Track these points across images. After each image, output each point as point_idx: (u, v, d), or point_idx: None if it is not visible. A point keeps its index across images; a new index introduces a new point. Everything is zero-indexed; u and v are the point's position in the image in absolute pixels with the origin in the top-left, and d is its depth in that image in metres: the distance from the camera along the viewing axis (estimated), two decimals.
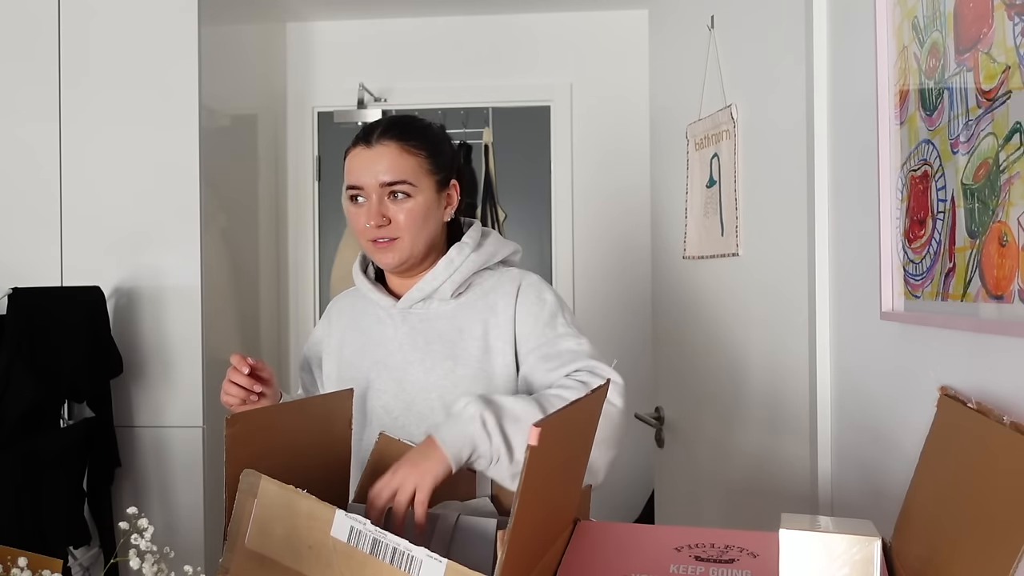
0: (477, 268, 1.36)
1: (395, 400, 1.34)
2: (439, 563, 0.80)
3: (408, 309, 1.37)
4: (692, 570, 0.87)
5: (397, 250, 1.32)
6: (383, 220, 1.31)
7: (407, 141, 1.33)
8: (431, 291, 1.35)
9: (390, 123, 1.36)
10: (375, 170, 1.31)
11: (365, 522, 0.84)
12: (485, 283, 1.37)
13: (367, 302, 1.43)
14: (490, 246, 1.39)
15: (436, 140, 1.38)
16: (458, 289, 1.35)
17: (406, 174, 1.32)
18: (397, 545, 0.82)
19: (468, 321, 1.34)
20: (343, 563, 0.85)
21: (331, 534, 0.85)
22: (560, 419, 0.85)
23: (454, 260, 1.35)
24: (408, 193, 1.32)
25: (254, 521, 0.91)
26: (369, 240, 1.33)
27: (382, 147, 1.32)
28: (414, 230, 1.32)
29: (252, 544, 0.91)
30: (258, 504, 0.91)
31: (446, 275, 1.34)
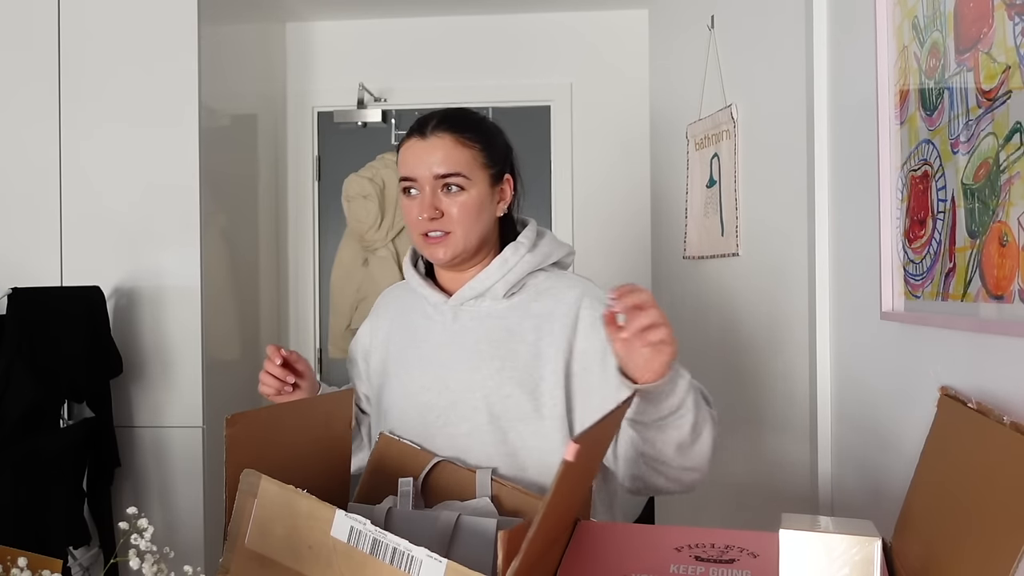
0: (531, 269, 1.34)
1: (438, 398, 1.31)
2: (439, 563, 0.80)
3: (459, 306, 1.34)
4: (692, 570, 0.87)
5: (449, 245, 1.30)
6: (436, 212, 1.28)
7: (462, 133, 1.31)
8: (483, 290, 1.32)
9: (445, 115, 1.33)
10: (429, 162, 1.29)
11: (365, 522, 0.84)
12: (539, 285, 1.34)
13: (416, 296, 1.40)
14: (545, 247, 1.36)
15: (491, 133, 1.36)
16: (511, 289, 1.32)
17: (460, 166, 1.29)
18: (397, 545, 0.82)
19: (519, 323, 1.31)
20: (343, 563, 0.85)
21: (331, 534, 0.85)
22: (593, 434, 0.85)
23: (508, 260, 1.32)
24: (462, 186, 1.29)
25: (254, 521, 0.91)
26: (421, 234, 1.31)
27: (436, 139, 1.30)
28: (467, 224, 1.29)
29: (252, 544, 0.91)
30: (258, 504, 0.91)
31: (499, 275, 1.32)
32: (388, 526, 1.07)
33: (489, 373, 1.28)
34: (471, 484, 1.20)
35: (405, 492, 1.17)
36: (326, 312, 3.26)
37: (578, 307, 1.30)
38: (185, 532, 2.34)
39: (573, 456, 0.74)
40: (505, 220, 1.39)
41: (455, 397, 1.30)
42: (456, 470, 1.22)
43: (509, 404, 1.26)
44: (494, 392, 1.27)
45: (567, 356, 1.28)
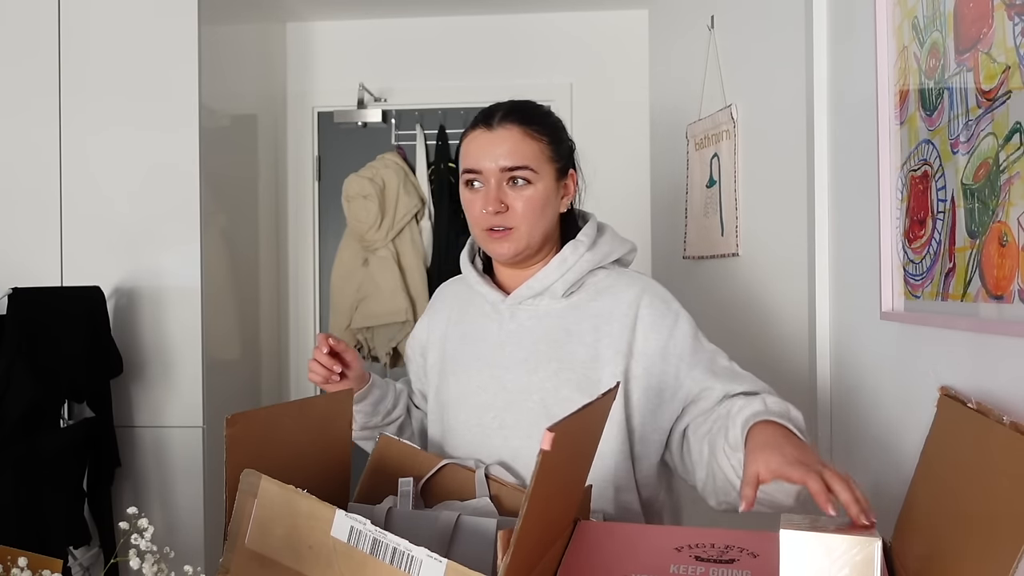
0: (591, 268, 1.30)
1: (495, 399, 1.29)
2: (439, 563, 0.80)
3: (516, 305, 1.31)
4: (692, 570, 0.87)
5: (512, 241, 1.26)
6: (501, 206, 1.24)
7: (530, 125, 1.27)
8: (542, 289, 1.29)
9: (513, 106, 1.29)
10: (495, 154, 1.25)
11: (365, 522, 0.84)
12: (599, 283, 1.31)
13: (474, 293, 1.37)
14: (605, 245, 1.33)
15: (557, 127, 1.33)
16: (570, 288, 1.29)
17: (527, 159, 1.25)
18: (397, 545, 0.82)
19: (578, 323, 1.27)
20: (343, 563, 0.85)
21: (331, 534, 0.85)
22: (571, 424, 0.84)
23: (568, 259, 1.29)
24: (528, 179, 1.25)
25: (254, 521, 0.91)
26: (484, 229, 1.27)
27: (504, 130, 1.25)
28: (532, 219, 1.26)
29: (252, 544, 0.91)
30: (258, 504, 0.91)
31: (558, 274, 1.28)
32: (388, 526, 1.07)
33: (546, 375, 1.25)
34: (471, 484, 1.20)
35: (405, 492, 1.17)
36: (326, 312, 3.26)
37: (637, 306, 1.26)
38: (185, 532, 2.35)
39: (549, 445, 0.73)
40: (566, 215, 1.35)
41: (511, 398, 1.27)
42: (456, 470, 1.22)
43: (567, 408, 1.18)
44: (551, 395, 1.25)
45: (627, 358, 1.24)
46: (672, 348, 1.25)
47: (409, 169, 3.11)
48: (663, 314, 1.27)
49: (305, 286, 3.29)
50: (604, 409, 1.03)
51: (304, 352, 3.27)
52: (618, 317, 1.26)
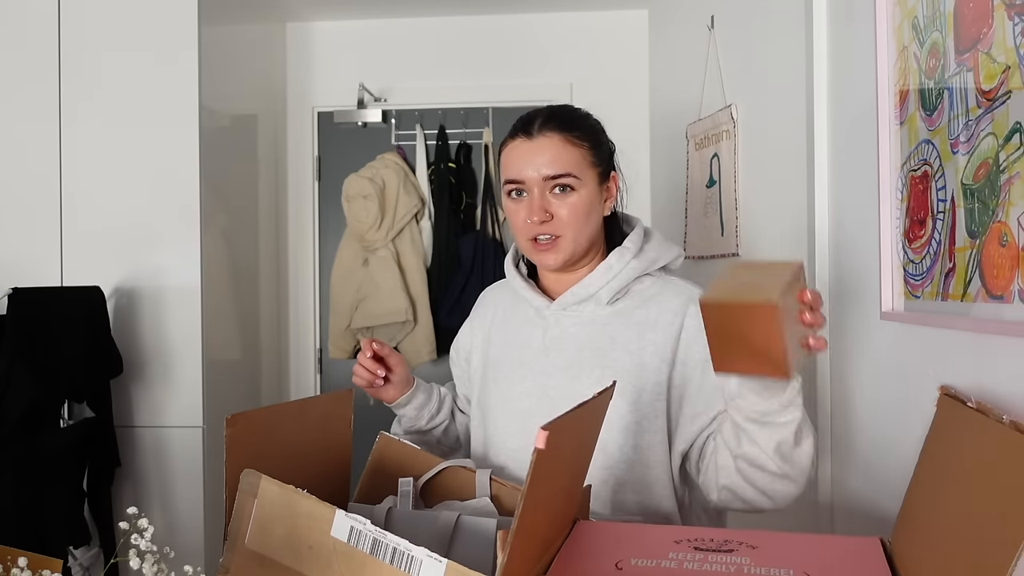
0: (637, 275, 1.29)
1: (538, 405, 1.27)
2: (439, 563, 0.80)
3: (561, 311, 1.30)
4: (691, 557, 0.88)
5: (560, 250, 1.26)
6: (546, 215, 1.24)
7: (570, 132, 1.26)
8: (587, 296, 1.28)
9: (551, 113, 1.29)
10: (537, 163, 1.24)
11: (365, 522, 0.84)
12: (645, 291, 1.29)
13: (518, 298, 1.37)
14: (652, 251, 1.31)
15: (596, 131, 1.32)
16: (615, 296, 1.28)
17: (570, 166, 1.24)
18: (397, 545, 0.82)
19: (622, 331, 1.26)
20: (343, 563, 0.85)
21: (331, 534, 0.85)
22: (567, 422, 0.84)
23: (613, 266, 1.27)
24: (572, 186, 1.24)
25: (254, 521, 0.91)
26: (529, 239, 1.26)
27: (544, 139, 1.25)
28: (577, 226, 1.25)
29: (252, 544, 0.91)
30: (258, 504, 0.91)
31: (604, 281, 1.27)
32: (388, 526, 1.07)
33: (590, 383, 1.23)
34: (471, 484, 1.20)
35: (405, 492, 1.17)
36: (326, 312, 3.26)
37: (683, 316, 1.25)
38: (185, 532, 2.35)
39: (543, 443, 0.73)
40: (610, 219, 1.34)
41: (555, 406, 1.23)
42: (456, 470, 1.22)
43: (611, 416, 1.15)
44: None
45: (670, 367, 1.23)
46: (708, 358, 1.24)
47: (409, 169, 3.11)
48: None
49: (305, 286, 3.29)
50: (600, 408, 1.03)
51: (304, 352, 3.27)
52: (663, 325, 1.24)
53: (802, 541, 0.97)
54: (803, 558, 0.88)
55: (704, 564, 0.86)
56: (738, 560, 0.87)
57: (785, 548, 0.92)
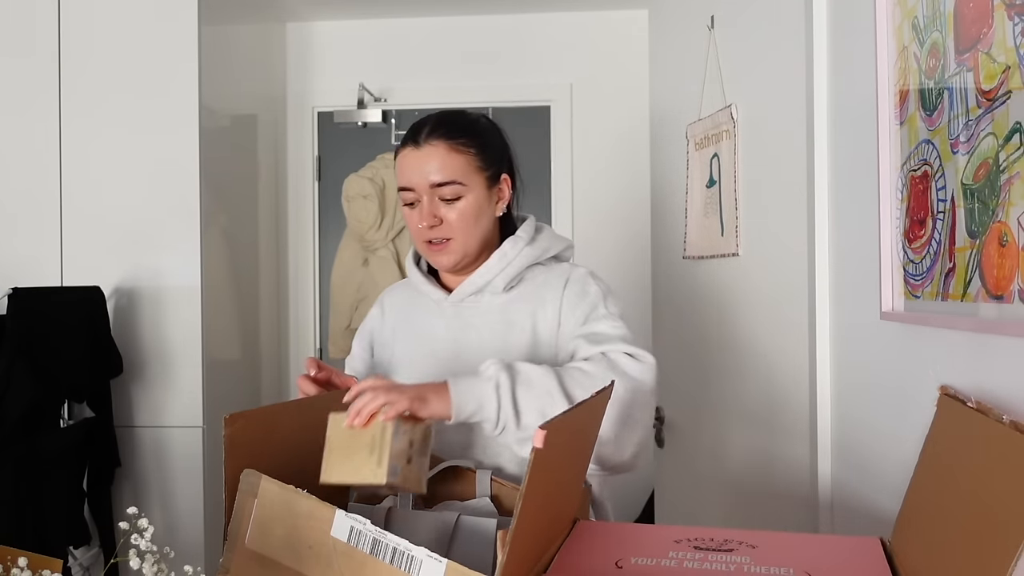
0: (530, 263, 1.36)
1: None
2: (439, 563, 0.80)
3: (460, 302, 1.36)
4: (691, 556, 0.88)
5: (451, 252, 1.33)
6: (435, 220, 1.31)
7: (455, 139, 1.32)
8: (483, 284, 1.34)
9: (438, 121, 1.34)
10: (424, 171, 1.31)
11: (365, 522, 0.84)
12: (537, 278, 1.37)
13: (419, 294, 1.42)
14: (544, 241, 1.39)
15: (485, 134, 1.37)
16: (510, 283, 1.35)
17: (455, 174, 1.31)
18: (397, 545, 0.82)
19: (518, 315, 1.34)
20: (343, 563, 0.85)
21: (331, 534, 0.85)
22: (565, 421, 0.85)
23: (507, 254, 1.35)
24: (459, 194, 1.31)
25: (254, 521, 0.91)
26: (424, 241, 1.34)
27: (430, 147, 1.31)
28: (466, 230, 1.32)
29: (252, 544, 0.91)
30: (258, 504, 0.91)
31: (499, 268, 1.34)
32: (388, 526, 1.07)
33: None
34: (471, 484, 1.20)
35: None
36: (326, 312, 3.26)
37: (563, 290, 1.34)
38: (185, 532, 2.35)
39: (541, 443, 0.73)
40: (505, 218, 1.40)
41: None
42: (456, 470, 1.22)
43: None
44: None
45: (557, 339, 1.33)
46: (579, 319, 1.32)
47: None
48: (581, 295, 1.34)
49: (305, 286, 3.28)
50: (598, 407, 1.04)
51: (304, 352, 3.27)
52: (550, 300, 1.34)
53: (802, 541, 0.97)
54: (803, 557, 0.88)
55: (704, 563, 0.86)
56: (738, 559, 0.87)
57: (785, 547, 0.92)
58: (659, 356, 2.21)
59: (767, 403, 1.68)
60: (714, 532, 0.95)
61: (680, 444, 2.10)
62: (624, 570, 0.85)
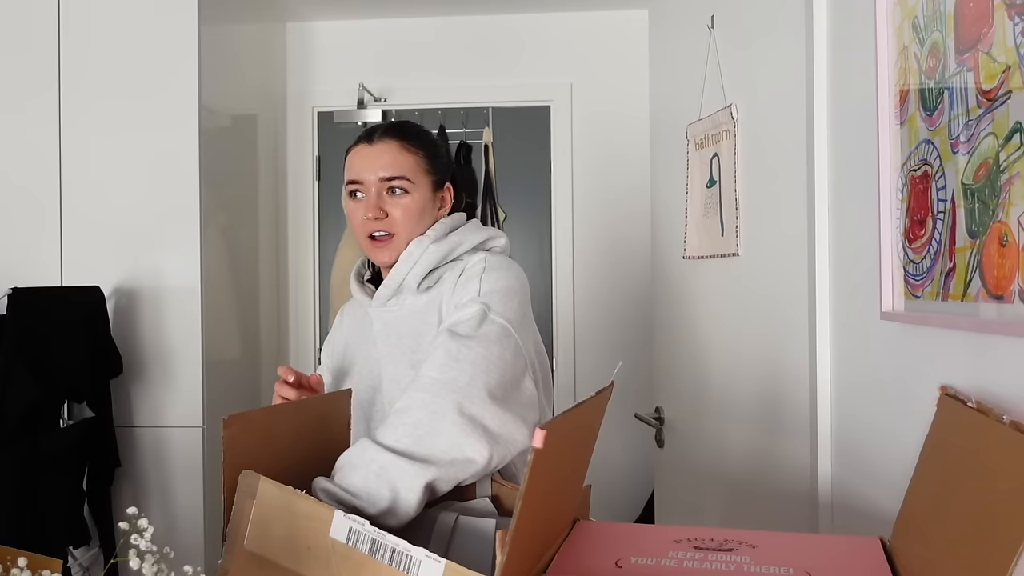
0: (438, 261, 1.35)
1: (366, 393, 1.38)
2: (438, 563, 0.80)
3: (382, 307, 1.40)
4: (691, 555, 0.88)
5: (392, 247, 1.37)
6: (380, 213, 1.36)
7: (407, 140, 1.39)
8: (396, 286, 1.37)
9: (391, 124, 1.43)
10: (375, 166, 1.36)
11: (364, 523, 0.84)
12: (455, 276, 1.34)
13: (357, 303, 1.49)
14: (456, 236, 1.38)
15: (434, 143, 1.45)
16: (423, 282, 1.36)
17: (404, 170, 1.37)
18: (396, 546, 0.82)
19: (432, 314, 1.34)
20: (341, 563, 0.85)
21: (330, 535, 0.85)
22: (565, 421, 0.84)
23: (412, 253, 1.36)
24: (406, 189, 1.37)
25: (253, 522, 0.91)
26: (366, 236, 1.38)
27: (383, 144, 1.38)
28: (410, 226, 1.37)
29: (251, 545, 0.91)
30: (257, 505, 0.91)
31: (406, 269, 1.35)
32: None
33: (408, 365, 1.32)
34: (472, 485, 1.20)
35: None
36: (326, 312, 3.26)
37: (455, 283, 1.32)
38: (185, 532, 2.35)
39: (541, 443, 0.73)
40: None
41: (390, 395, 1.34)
42: None
43: None
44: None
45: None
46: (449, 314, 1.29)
47: None
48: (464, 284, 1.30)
49: (305, 286, 3.28)
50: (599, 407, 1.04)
51: (304, 352, 3.27)
52: (446, 296, 1.33)
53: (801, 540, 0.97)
54: (803, 557, 0.88)
55: (704, 563, 0.86)
56: (738, 559, 0.87)
57: (785, 547, 0.92)
58: (659, 356, 2.22)
59: (767, 403, 1.68)
60: (714, 532, 0.95)
61: (680, 444, 2.10)
62: (624, 570, 0.85)
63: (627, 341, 3.14)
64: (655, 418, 2.18)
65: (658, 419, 2.18)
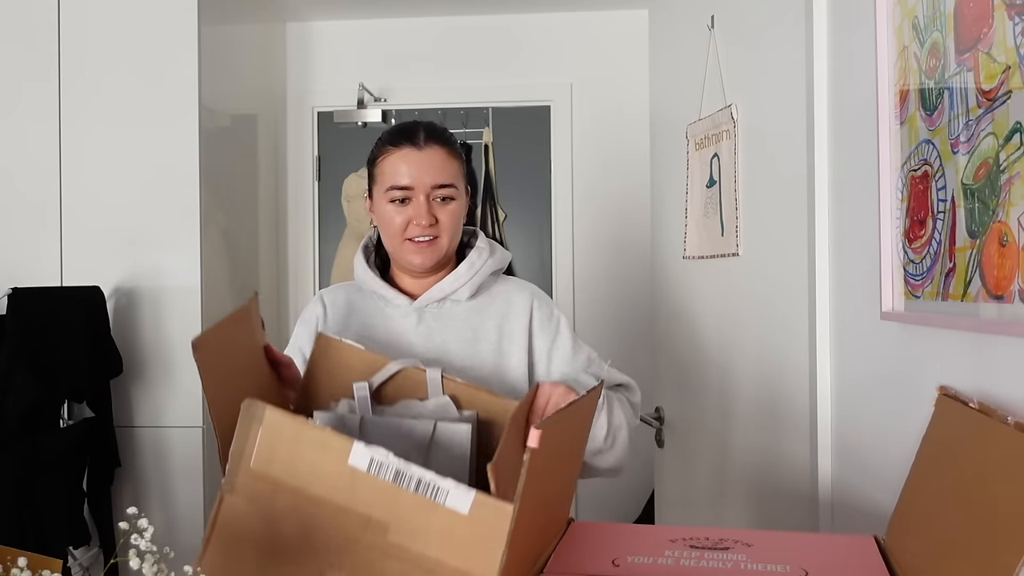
0: (491, 272, 1.43)
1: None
2: (467, 493, 0.80)
3: (423, 308, 1.40)
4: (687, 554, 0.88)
5: (436, 250, 1.37)
6: (433, 219, 1.36)
7: (451, 146, 1.40)
8: (451, 292, 1.39)
9: (430, 127, 1.40)
10: (428, 172, 1.35)
11: (387, 454, 0.83)
12: (493, 289, 1.44)
13: (369, 298, 1.43)
14: (499, 253, 1.46)
15: (463, 149, 1.47)
16: (474, 293, 1.41)
17: (453, 177, 1.38)
18: (422, 476, 0.82)
19: (481, 324, 1.39)
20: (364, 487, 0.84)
21: (349, 463, 0.84)
22: (558, 421, 0.84)
23: (475, 264, 1.40)
24: (453, 196, 1.38)
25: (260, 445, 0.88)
26: (408, 239, 1.37)
27: (432, 150, 1.36)
28: (453, 231, 1.39)
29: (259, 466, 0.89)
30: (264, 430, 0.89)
31: (467, 277, 1.39)
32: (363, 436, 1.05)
33: (457, 372, 1.31)
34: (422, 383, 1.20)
35: (363, 396, 1.18)
36: None
37: (531, 307, 1.42)
38: (185, 532, 2.35)
39: (537, 442, 0.74)
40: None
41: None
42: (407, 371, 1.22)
43: None
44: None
45: (528, 353, 1.40)
46: (555, 351, 1.41)
47: None
48: (548, 318, 1.43)
49: (305, 286, 3.28)
50: (590, 406, 1.04)
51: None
52: (516, 317, 1.41)
53: (797, 539, 0.97)
54: (799, 555, 0.88)
55: (701, 561, 0.86)
56: (734, 557, 0.87)
57: (781, 546, 0.92)
58: (659, 356, 2.21)
59: (767, 403, 1.68)
60: (710, 532, 0.95)
61: (680, 444, 2.10)
62: (620, 568, 0.85)
63: (627, 341, 3.14)
64: (655, 418, 2.18)
65: (658, 419, 2.18)
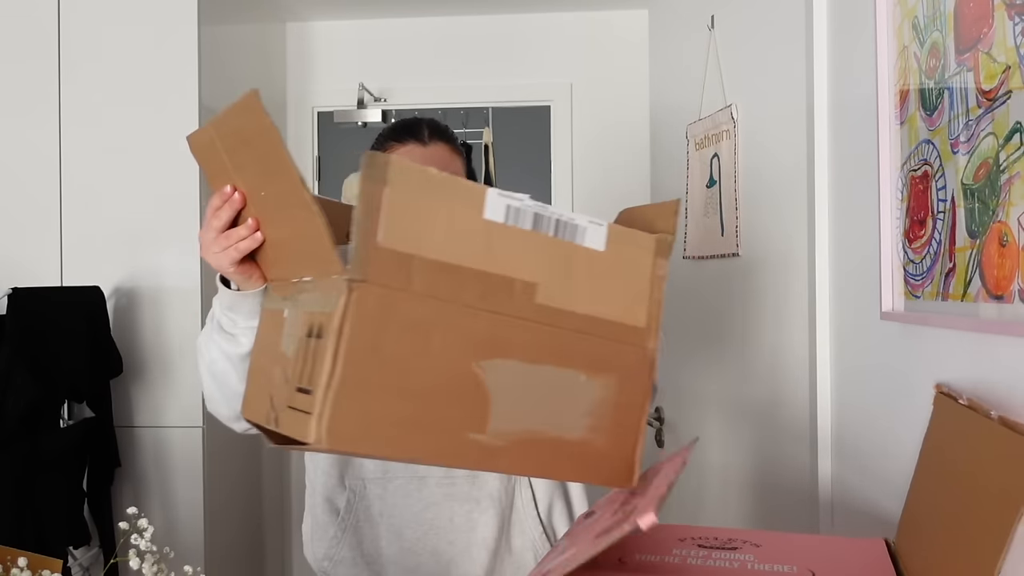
0: None
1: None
2: (600, 226, 0.82)
3: None
4: (695, 553, 0.88)
5: None
6: None
7: (454, 144, 1.39)
8: None
9: (433, 124, 1.38)
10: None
11: (524, 197, 0.79)
12: None
13: None
14: None
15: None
16: None
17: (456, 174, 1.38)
18: (560, 216, 0.81)
19: None
20: (502, 244, 0.78)
21: (484, 216, 0.78)
22: None
23: None
24: None
25: (387, 213, 0.74)
26: None
27: (436, 147, 1.35)
28: None
29: (388, 241, 0.75)
30: (390, 192, 0.75)
31: None
32: None
33: None
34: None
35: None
36: None
37: None
38: (185, 532, 2.34)
39: None
40: None
41: None
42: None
43: None
44: None
45: None
46: None
47: None
48: None
49: None
50: None
51: None
52: None
53: (805, 541, 0.97)
54: (807, 556, 0.88)
55: (708, 560, 0.86)
56: (742, 557, 0.87)
57: (789, 547, 0.92)
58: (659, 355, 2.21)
59: (767, 403, 1.68)
60: (718, 531, 0.95)
61: (680, 444, 2.10)
62: (627, 565, 0.85)
63: None
64: (655, 418, 2.19)
65: (658, 419, 2.18)
